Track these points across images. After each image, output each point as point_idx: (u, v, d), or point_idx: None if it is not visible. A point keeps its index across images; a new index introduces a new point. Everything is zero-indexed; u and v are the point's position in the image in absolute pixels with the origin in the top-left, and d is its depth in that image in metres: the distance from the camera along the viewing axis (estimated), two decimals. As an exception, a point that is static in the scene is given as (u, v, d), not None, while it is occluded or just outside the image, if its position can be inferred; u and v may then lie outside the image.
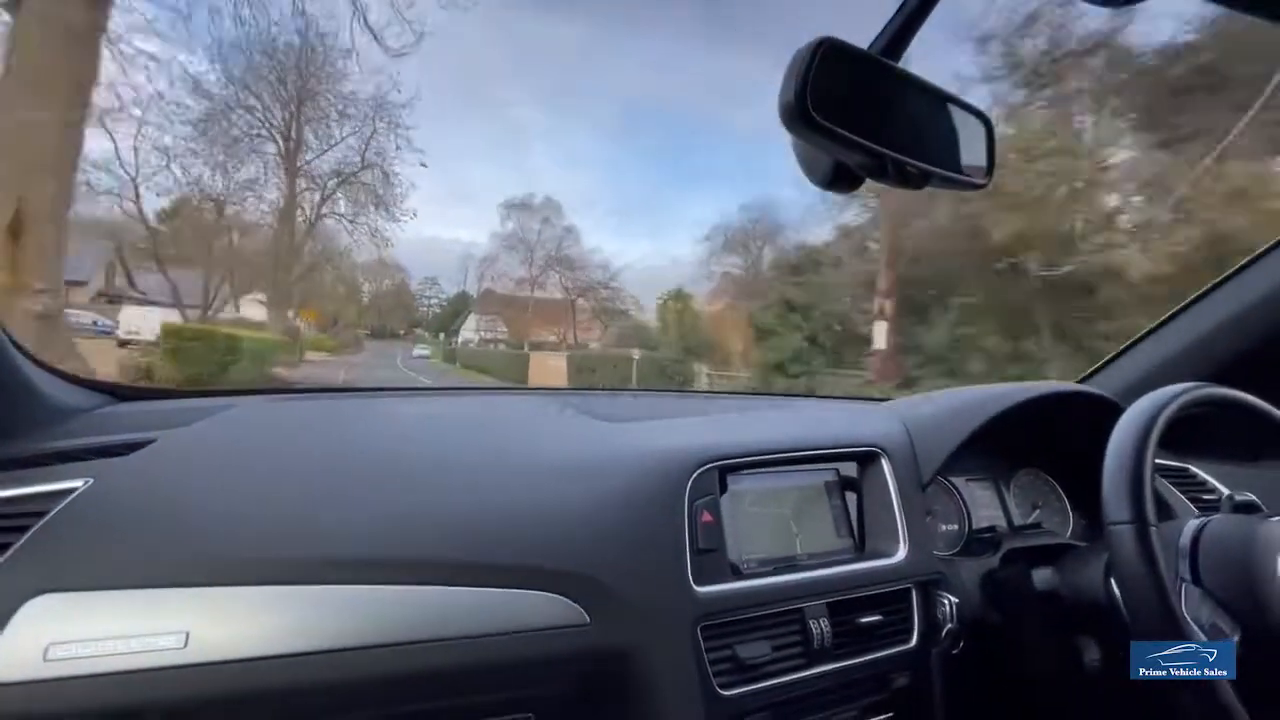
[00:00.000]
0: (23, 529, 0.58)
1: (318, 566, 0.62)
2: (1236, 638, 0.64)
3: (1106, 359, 1.28)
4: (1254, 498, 0.77)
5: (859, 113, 0.54)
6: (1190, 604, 0.68)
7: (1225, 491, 1.14)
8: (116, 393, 0.94)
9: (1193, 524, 0.74)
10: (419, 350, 40.24)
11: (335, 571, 0.62)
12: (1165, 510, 1.01)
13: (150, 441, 0.74)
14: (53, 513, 0.60)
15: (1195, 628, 0.65)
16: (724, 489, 0.84)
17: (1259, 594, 0.64)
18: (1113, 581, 0.75)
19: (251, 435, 0.85)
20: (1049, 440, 1.11)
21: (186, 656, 0.54)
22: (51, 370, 0.84)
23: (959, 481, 1.07)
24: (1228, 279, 1.13)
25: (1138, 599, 0.64)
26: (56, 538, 0.58)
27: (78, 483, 0.63)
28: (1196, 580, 0.69)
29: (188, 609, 0.56)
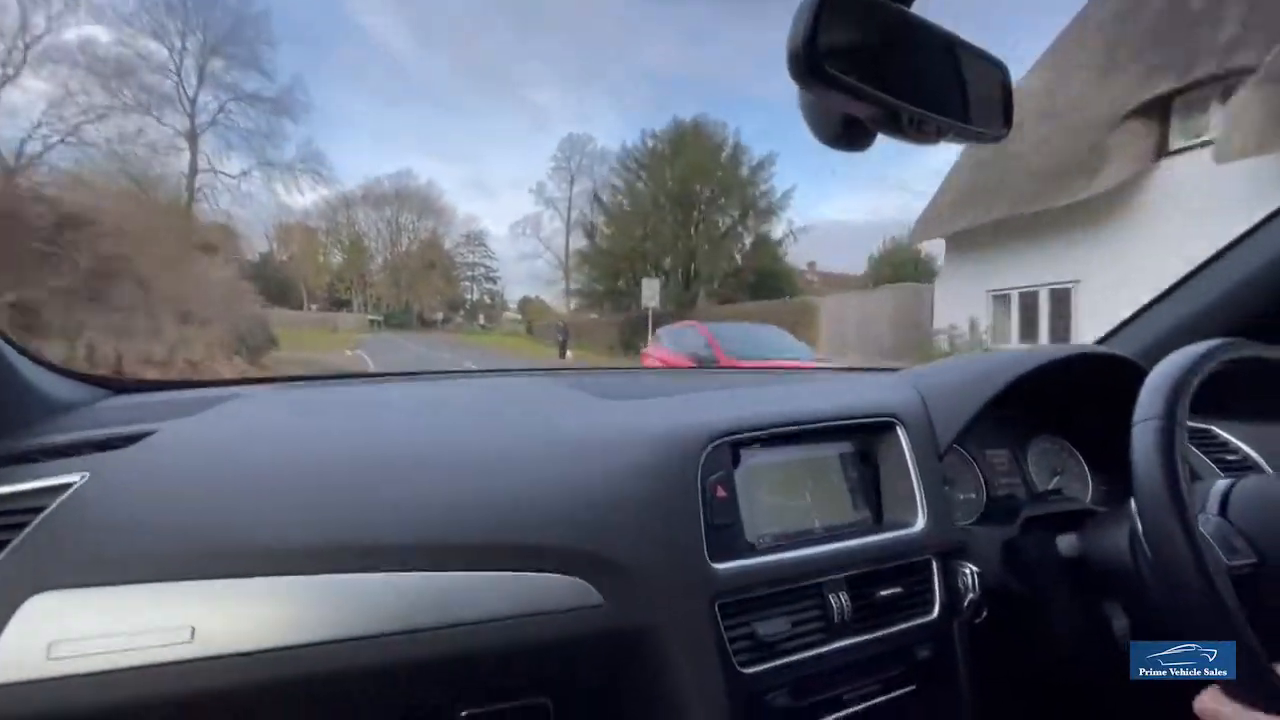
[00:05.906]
0: (19, 526, 0.56)
1: (324, 555, 0.60)
2: (1253, 560, 0.63)
3: (1123, 320, 1.25)
4: None
5: (872, 62, 0.51)
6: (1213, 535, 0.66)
7: (1249, 452, 1.12)
8: (114, 385, 0.92)
9: (1220, 484, 0.72)
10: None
11: (342, 559, 0.60)
12: (1190, 473, 0.99)
13: (150, 433, 0.72)
14: (50, 508, 0.58)
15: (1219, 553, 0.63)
16: (737, 463, 0.82)
17: None
18: (1139, 547, 0.73)
19: (255, 424, 0.83)
20: (1066, 405, 1.09)
21: (193, 651, 0.53)
22: (46, 364, 0.83)
23: (975, 449, 1.05)
24: (1244, 238, 1.10)
25: (1169, 564, 0.61)
26: (55, 534, 0.57)
27: (75, 477, 0.62)
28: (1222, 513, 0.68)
29: (193, 602, 0.55)
